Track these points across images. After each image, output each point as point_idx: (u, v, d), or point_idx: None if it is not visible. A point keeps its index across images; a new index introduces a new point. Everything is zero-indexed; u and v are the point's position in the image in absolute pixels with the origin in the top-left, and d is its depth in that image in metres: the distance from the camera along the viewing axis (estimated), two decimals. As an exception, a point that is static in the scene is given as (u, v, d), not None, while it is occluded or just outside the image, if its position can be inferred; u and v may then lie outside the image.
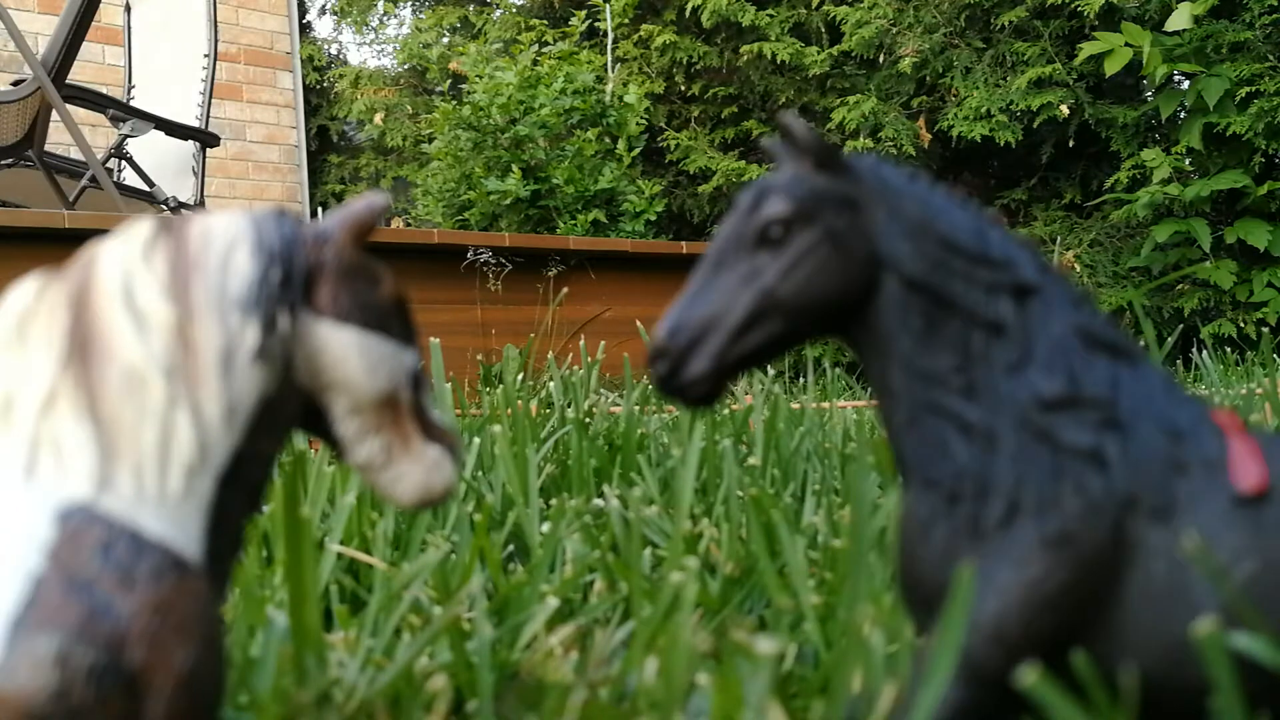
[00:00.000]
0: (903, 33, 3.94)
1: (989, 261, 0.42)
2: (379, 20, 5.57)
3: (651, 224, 3.55)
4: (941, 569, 0.41)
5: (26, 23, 3.45)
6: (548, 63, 3.61)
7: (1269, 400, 1.17)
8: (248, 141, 4.92)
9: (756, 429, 1.10)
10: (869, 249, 0.42)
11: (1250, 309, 3.35)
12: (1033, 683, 0.38)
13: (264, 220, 0.42)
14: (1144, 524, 0.39)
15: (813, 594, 0.62)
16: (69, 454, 0.37)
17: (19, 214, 2.18)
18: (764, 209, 0.43)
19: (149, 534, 0.37)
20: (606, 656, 0.59)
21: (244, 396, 0.39)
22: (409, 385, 0.44)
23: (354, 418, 0.43)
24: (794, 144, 0.44)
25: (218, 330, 0.39)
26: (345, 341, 0.42)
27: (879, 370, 0.43)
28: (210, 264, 0.40)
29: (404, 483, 0.44)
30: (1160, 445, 0.40)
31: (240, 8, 4.88)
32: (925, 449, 0.42)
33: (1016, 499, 0.40)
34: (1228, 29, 3.35)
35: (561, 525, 0.74)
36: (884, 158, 0.45)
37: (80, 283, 0.40)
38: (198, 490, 0.38)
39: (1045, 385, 0.41)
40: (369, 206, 0.44)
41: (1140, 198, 3.39)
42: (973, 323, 0.42)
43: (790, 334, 0.43)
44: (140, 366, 0.38)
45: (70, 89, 2.69)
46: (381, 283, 0.44)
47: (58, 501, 0.36)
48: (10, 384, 0.39)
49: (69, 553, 0.35)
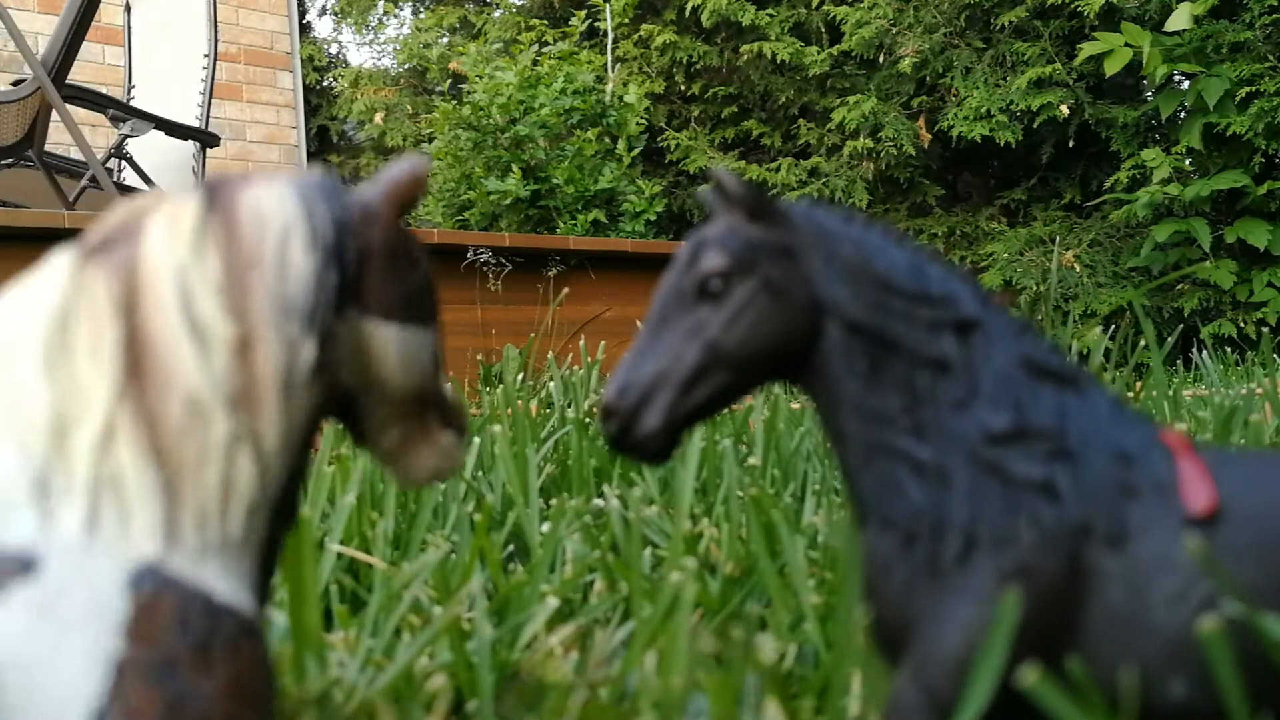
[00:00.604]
0: (903, 33, 3.94)
1: (929, 299, 0.42)
2: (379, 20, 5.57)
3: (651, 224, 3.55)
4: (903, 608, 0.41)
5: (26, 23, 3.45)
6: (548, 63, 3.61)
7: (1269, 400, 1.17)
8: (248, 141, 4.92)
9: (756, 429, 1.10)
10: (809, 295, 0.43)
11: (1250, 309, 3.35)
12: (1033, 683, 0.38)
13: (314, 198, 0.38)
14: (1099, 552, 0.39)
15: (813, 594, 0.62)
16: (133, 502, 0.33)
17: (19, 214, 2.18)
18: (701, 263, 0.43)
19: (219, 597, 0.33)
20: (606, 656, 0.59)
21: (300, 418, 0.36)
22: (434, 372, 0.42)
23: (380, 410, 0.41)
24: (725, 196, 0.44)
25: (279, 347, 0.36)
26: (387, 339, 0.39)
27: (829, 413, 0.43)
28: (267, 261, 0.36)
29: (416, 467, 0.43)
30: (1110, 471, 0.40)
31: (240, 8, 4.88)
32: (880, 490, 0.42)
33: (972, 535, 0.40)
34: (1228, 29, 3.35)
35: (561, 525, 0.74)
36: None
37: (127, 279, 0.36)
38: (255, 530, 0.35)
39: (992, 419, 0.41)
40: (412, 173, 0.40)
41: (1140, 198, 3.39)
42: (917, 362, 0.42)
43: (738, 384, 0.43)
44: (203, 396, 0.34)
45: (70, 89, 2.69)
46: (419, 263, 0.41)
47: (126, 565, 0.33)
48: (60, 404, 0.34)
49: (145, 629, 0.32)
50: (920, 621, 0.40)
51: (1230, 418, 1.06)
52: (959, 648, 0.39)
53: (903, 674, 0.41)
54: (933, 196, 4.23)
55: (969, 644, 0.39)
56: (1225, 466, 0.40)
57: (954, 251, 4.03)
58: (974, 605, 0.39)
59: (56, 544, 0.32)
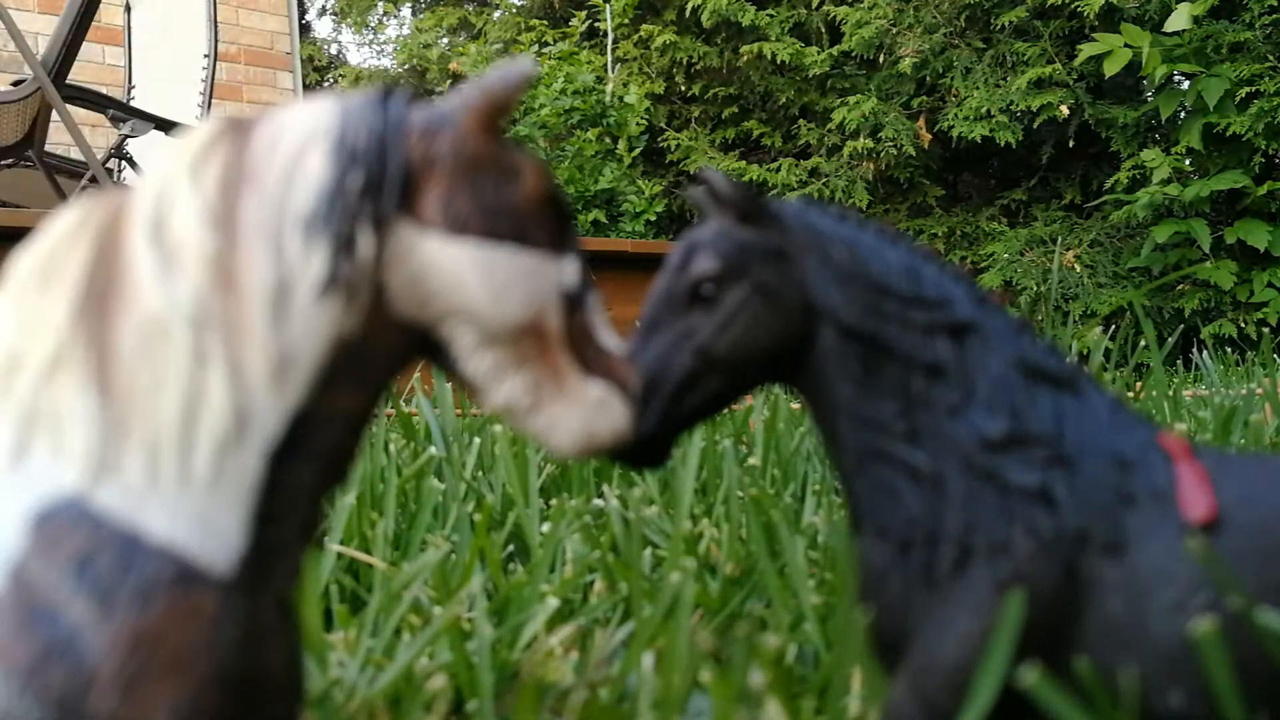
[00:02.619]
0: (903, 33, 3.94)
1: (923, 302, 0.41)
2: (379, 20, 5.57)
3: (651, 224, 3.55)
4: (899, 618, 0.40)
5: (26, 23, 3.45)
6: (548, 63, 3.61)
7: (1269, 400, 1.17)
8: (248, 142, 4.92)
9: (756, 429, 1.10)
10: (802, 299, 0.42)
11: (1250, 309, 3.35)
12: (1033, 683, 0.38)
13: (357, 109, 0.33)
14: (1097, 560, 0.39)
15: (813, 594, 0.62)
16: (67, 432, 0.30)
17: (19, 214, 2.18)
18: (693, 267, 0.42)
19: (151, 537, 0.29)
20: (606, 656, 0.58)
21: (305, 344, 0.31)
22: (561, 307, 0.35)
23: (485, 352, 0.34)
24: (716, 198, 0.43)
25: (268, 260, 0.31)
26: (461, 258, 0.32)
27: (822, 418, 0.43)
28: (271, 173, 0.32)
29: (560, 429, 0.35)
30: (1108, 478, 0.40)
31: (240, 8, 4.88)
32: (875, 496, 0.41)
33: (968, 544, 0.39)
34: (1227, 29, 3.35)
35: (561, 525, 0.74)
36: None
37: (118, 205, 0.32)
38: (236, 471, 0.30)
39: (988, 425, 0.40)
40: (505, 80, 0.34)
41: (1140, 198, 3.39)
42: (911, 366, 0.41)
43: (732, 388, 0.43)
44: (161, 314, 0.30)
45: (70, 89, 2.69)
46: (520, 177, 0.34)
47: (40, 497, 0.29)
48: (18, 336, 0.31)
49: (38, 568, 0.28)
50: (916, 631, 0.40)
51: (1230, 418, 1.06)
52: (955, 658, 0.39)
53: (899, 683, 0.40)
54: (933, 197, 4.23)
55: (965, 654, 0.39)
56: (1225, 471, 0.40)
57: (954, 252, 4.03)
58: (970, 615, 0.39)
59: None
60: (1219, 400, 1.28)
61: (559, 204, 0.35)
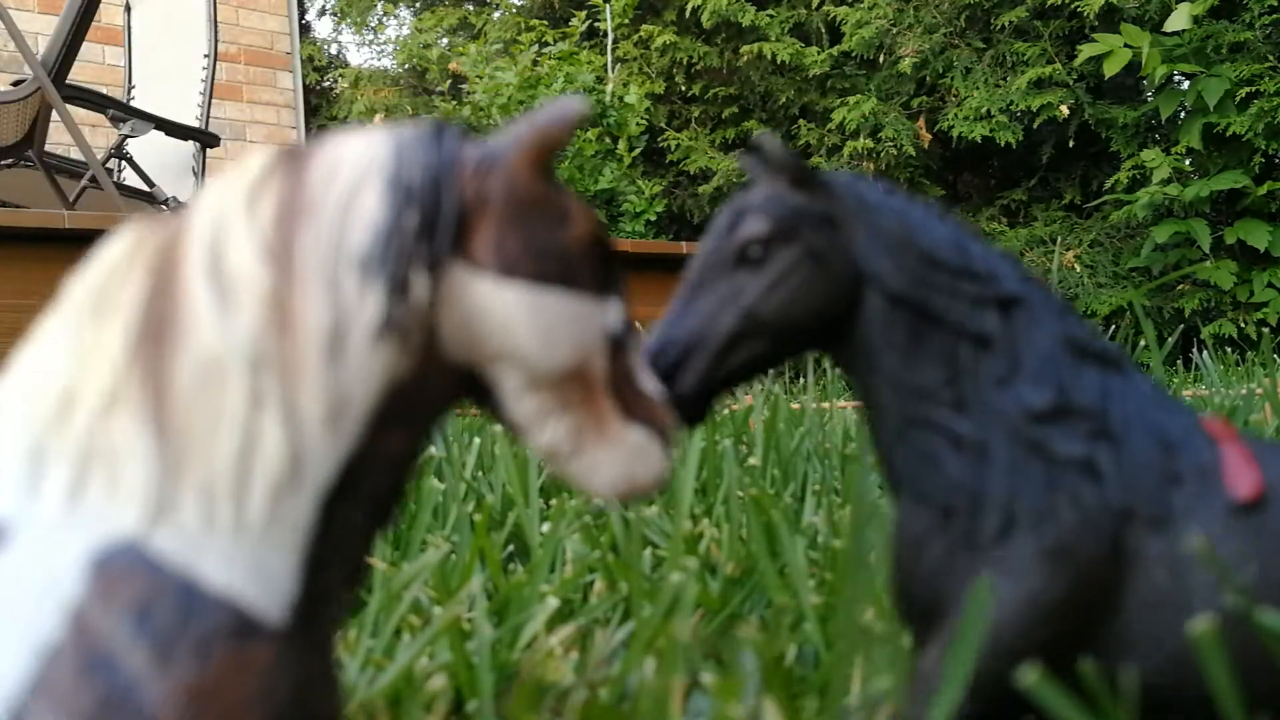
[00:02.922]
0: (903, 33, 3.94)
1: (972, 275, 0.42)
2: (378, 21, 5.57)
3: (651, 224, 3.55)
4: (937, 584, 0.40)
5: (26, 23, 3.45)
6: (548, 63, 3.61)
7: (1269, 400, 1.17)
8: (248, 142, 4.92)
9: (756, 429, 1.10)
10: (850, 266, 0.42)
11: (1250, 309, 3.35)
12: (1033, 683, 0.38)
13: (411, 144, 0.33)
14: (1141, 534, 0.39)
15: (813, 594, 0.62)
16: (123, 473, 0.29)
17: (19, 214, 2.19)
18: (742, 229, 0.42)
19: (208, 585, 0.28)
20: (606, 656, 0.58)
21: (359, 386, 0.31)
22: (605, 350, 0.35)
23: (530, 396, 0.34)
24: (768, 163, 0.43)
25: (324, 300, 0.30)
26: (511, 302, 0.32)
27: (864, 386, 0.43)
28: (327, 209, 0.31)
29: (600, 474, 0.35)
30: (1153, 455, 0.40)
31: (240, 8, 4.88)
32: (916, 464, 0.41)
33: (1012, 512, 0.40)
34: (1227, 29, 3.35)
35: (561, 525, 0.74)
36: (859, 172, 0.45)
37: (172, 233, 0.32)
38: (289, 515, 0.30)
39: (1035, 397, 0.40)
40: (558, 118, 0.33)
41: (1140, 198, 3.39)
42: (959, 336, 0.41)
43: (774, 352, 0.43)
44: (219, 353, 0.30)
45: (70, 89, 2.69)
46: (569, 220, 0.34)
47: (99, 539, 0.28)
48: (74, 369, 0.30)
49: (98, 614, 0.27)
50: (954, 597, 0.40)
51: (1230, 418, 1.06)
52: (995, 625, 0.39)
53: (933, 651, 0.40)
54: (933, 197, 4.23)
55: (1005, 621, 0.39)
56: (1269, 454, 0.40)
57: (954, 252, 4.03)
58: (1013, 582, 0.39)
59: (33, 516, 0.29)
60: (1219, 400, 1.28)
61: (605, 246, 0.35)
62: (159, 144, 2.98)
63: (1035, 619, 0.39)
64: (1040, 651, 0.39)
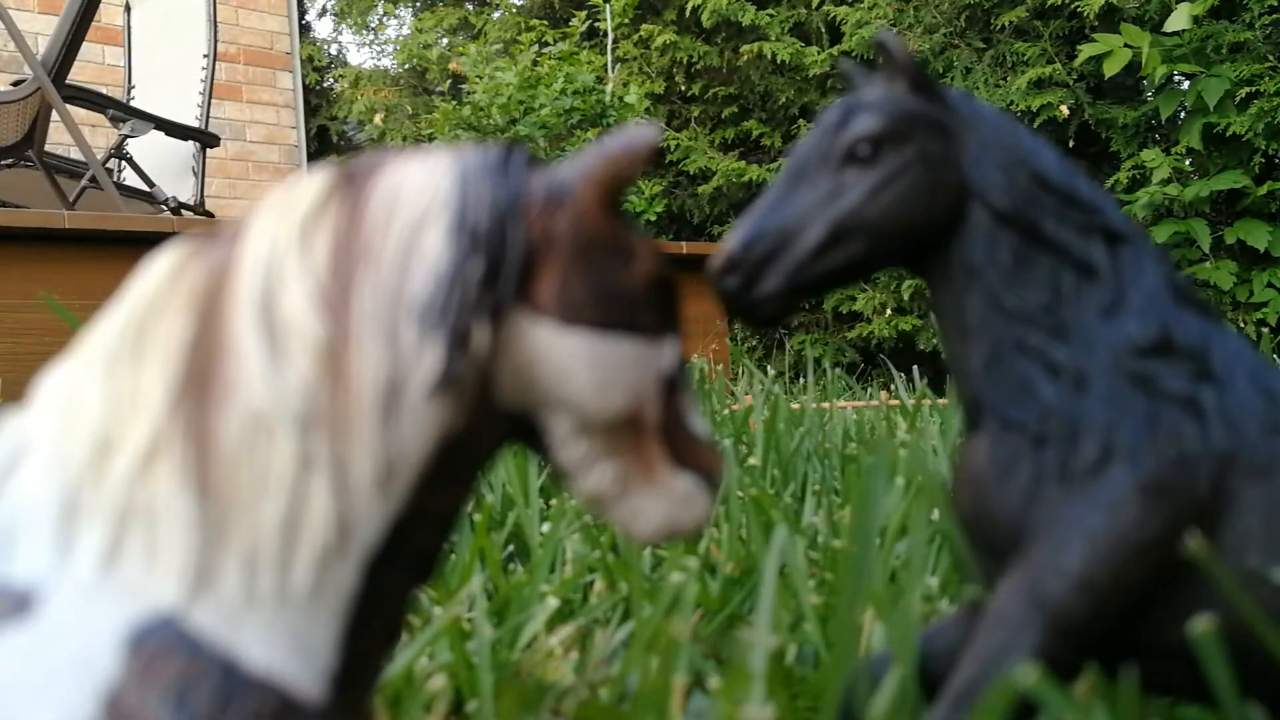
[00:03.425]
0: (903, 33, 3.94)
1: (1080, 203, 0.41)
2: (378, 21, 5.57)
3: (651, 224, 3.55)
4: (1024, 511, 0.39)
5: (26, 23, 3.44)
6: (548, 63, 3.61)
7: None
8: (248, 142, 4.92)
9: (756, 429, 1.10)
10: (959, 177, 0.41)
11: (1250, 309, 3.34)
12: (1033, 683, 0.38)
13: (476, 177, 0.30)
14: (1239, 477, 0.38)
15: (813, 594, 0.62)
16: (163, 537, 0.27)
17: (19, 214, 2.18)
18: (853, 125, 0.41)
19: (248, 665, 0.27)
20: (606, 656, 0.58)
21: (412, 445, 0.29)
22: (659, 395, 0.33)
23: (579, 442, 0.32)
24: (890, 63, 0.42)
25: (381, 354, 0.28)
26: (572, 350, 0.30)
27: (956, 307, 0.42)
28: (386, 252, 0.29)
29: (643, 520, 0.34)
30: (1257, 403, 0.39)
31: (240, 8, 4.87)
32: (1007, 389, 0.40)
33: (1110, 443, 0.38)
34: (1227, 29, 3.35)
35: (561, 525, 0.74)
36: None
37: (219, 266, 0.29)
38: (333, 584, 0.28)
39: (1139, 330, 0.40)
40: (629, 148, 0.31)
41: (1140, 198, 3.39)
42: (1065, 261, 0.40)
43: (869, 258, 0.41)
44: (267, 409, 0.28)
45: (70, 89, 2.69)
46: (633, 259, 0.32)
47: (135, 613, 0.27)
48: (111, 414, 0.28)
49: (135, 698, 0.26)
50: (1040, 527, 0.39)
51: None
52: (1081, 558, 0.38)
53: (1010, 584, 0.39)
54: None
55: (1094, 555, 0.38)
56: None
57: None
58: (1105, 514, 0.38)
59: (65, 580, 0.27)
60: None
61: (667, 283, 0.33)
62: (159, 144, 2.98)
63: (1126, 556, 0.38)
64: (1127, 591, 0.38)
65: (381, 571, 0.29)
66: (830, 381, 1.94)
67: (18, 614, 0.26)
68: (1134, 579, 0.38)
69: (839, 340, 3.88)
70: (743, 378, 1.97)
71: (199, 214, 3.02)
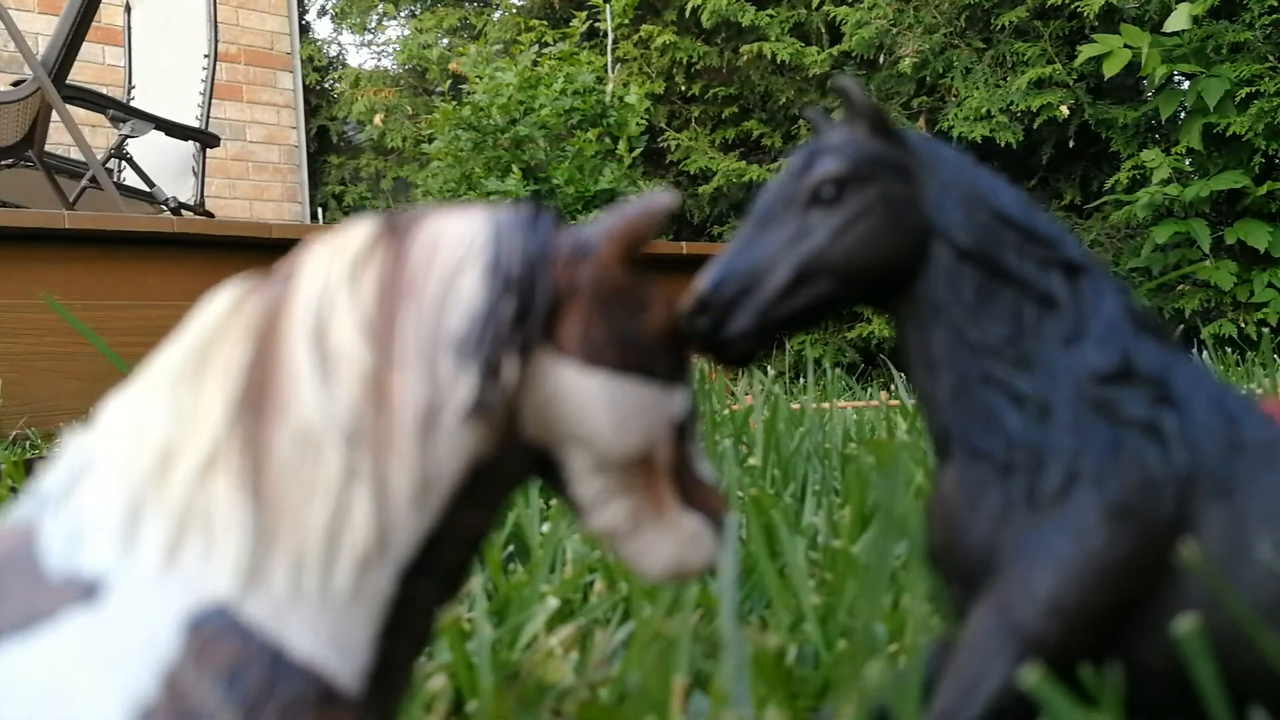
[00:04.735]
0: (903, 33, 3.95)
1: (1039, 238, 0.42)
2: (378, 21, 5.57)
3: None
4: (993, 539, 0.40)
5: (26, 23, 3.45)
6: (548, 63, 3.61)
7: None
8: (248, 142, 4.92)
9: (756, 429, 1.10)
10: (921, 217, 0.42)
11: (1251, 309, 3.35)
12: (1035, 683, 0.38)
13: (510, 230, 0.34)
14: (1203, 501, 0.39)
15: (813, 594, 0.62)
16: (219, 537, 0.30)
17: (19, 214, 2.19)
18: (817, 168, 0.42)
19: (294, 653, 0.29)
20: (606, 656, 0.58)
21: (446, 465, 0.32)
22: (670, 438, 0.36)
23: (595, 478, 0.35)
24: (850, 107, 0.44)
25: (421, 380, 0.31)
26: (592, 390, 0.33)
27: (921, 341, 0.43)
28: (428, 290, 0.32)
29: (651, 557, 0.36)
30: (1216, 424, 0.40)
31: (240, 8, 4.88)
32: (973, 420, 0.41)
33: (1075, 470, 0.39)
34: (1227, 29, 3.35)
35: (561, 525, 0.74)
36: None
37: (275, 300, 0.33)
38: (371, 587, 0.31)
39: (1100, 359, 0.41)
40: (646, 212, 0.35)
41: (1140, 198, 3.39)
42: (1026, 295, 0.42)
43: (835, 297, 0.42)
44: (316, 427, 0.31)
45: (70, 89, 2.69)
46: (648, 310, 0.35)
47: (193, 602, 0.29)
48: (173, 429, 0.31)
49: (191, 676, 0.28)
50: (1009, 554, 0.39)
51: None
52: (1053, 583, 0.38)
53: (984, 610, 0.40)
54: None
55: (1064, 580, 0.38)
56: None
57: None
58: (1072, 539, 0.39)
59: (130, 572, 0.30)
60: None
61: (680, 335, 0.37)
62: (159, 144, 2.98)
63: (1096, 580, 0.38)
64: (1098, 615, 0.39)
65: (414, 581, 0.32)
66: (830, 381, 1.94)
67: (86, 599, 0.29)
68: (1104, 602, 0.39)
69: (839, 340, 3.88)
70: (743, 378, 1.97)
71: (199, 214, 3.02)
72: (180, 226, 2.23)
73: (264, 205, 4.95)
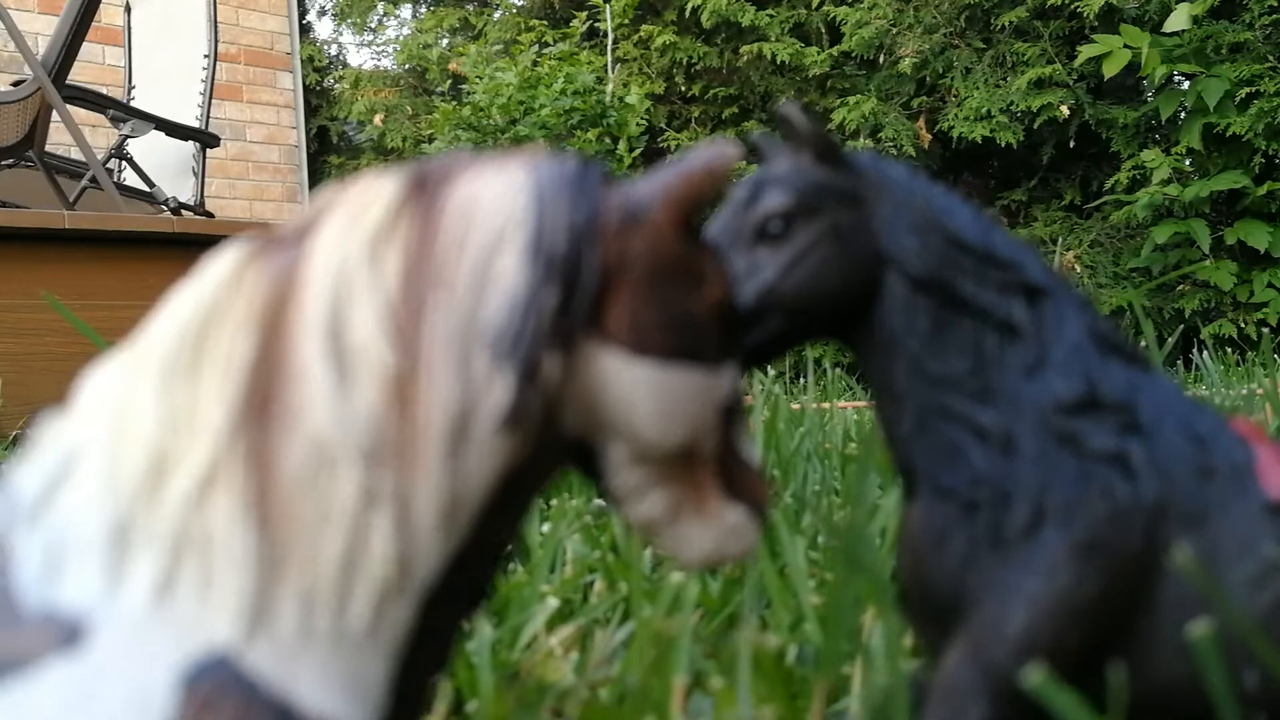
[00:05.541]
0: (903, 33, 3.95)
1: (997, 261, 0.40)
2: (378, 21, 5.57)
3: (651, 224, 3.55)
4: (960, 579, 0.39)
5: (26, 23, 3.45)
6: (548, 63, 3.61)
7: (1269, 400, 1.17)
8: (248, 142, 4.92)
9: (756, 429, 1.10)
10: (872, 246, 0.40)
11: (1250, 309, 3.35)
12: (1038, 683, 0.38)
13: (554, 194, 0.29)
14: (1174, 530, 0.38)
15: (813, 594, 0.62)
16: (219, 570, 0.26)
17: (19, 214, 2.18)
18: (763, 202, 0.41)
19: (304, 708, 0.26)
20: (606, 656, 0.58)
21: (477, 481, 0.28)
22: (716, 425, 0.33)
23: (634, 469, 0.31)
24: (793, 135, 0.41)
25: (452, 383, 0.27)
26: (637, 381, 0.30)
27: (881, 374, 0.41)
28: (460, 276, 0.28)
29: (691, 547, 0.33)
30: (1186, 450, 0.39)
31: (240, 8, 4.88)
32: (936, 456, 0.40)
33: (1041, 505, 0.38)
34: (1227, 29, 3.36)
35: (561, 525, 0.74)
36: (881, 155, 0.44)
37: (284, 275, 0.28)
38: (390, 621, 0.27)
39: (1063, 388, 0.39)
40: (708, 168, 0.30)
41: (1140, 198, 3.39)
42: (985, 323, 0.40)
43: (787, 334, 0.41)
44: (331, 440, 0.26)
45: (70, 89, 2.69)
46: (704, 284, 0.31)
47: (190, 651, 0.25)
48: (166, 434, 0.27)
49: None
50: (979, 594, 0.38)
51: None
52: (1024, 622, 0.37)
53: (957, 650, 0.39)
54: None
55: (1036, 618, 0.37)
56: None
57: (954, 252, 4.03)
58: (1041, 578, 0.37)
59: (116, 611, 0.26)
60: (1219, 401, 1.28)
61: (732, 310, 0.33)
62: (159, 144, 2.98)
63: (1068, 617, 0.37)
64: (1072, 652, 0.38)
65: (437, 608, 0.29)
66: (830, 381, 1.94)
67: (67, 646, 0.25)
68: (1077, 639, 0.38)
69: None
70: (742, 378, 1.97)
71: (199, 214, 3.02)
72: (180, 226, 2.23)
73: (264, 205, 4.95)
